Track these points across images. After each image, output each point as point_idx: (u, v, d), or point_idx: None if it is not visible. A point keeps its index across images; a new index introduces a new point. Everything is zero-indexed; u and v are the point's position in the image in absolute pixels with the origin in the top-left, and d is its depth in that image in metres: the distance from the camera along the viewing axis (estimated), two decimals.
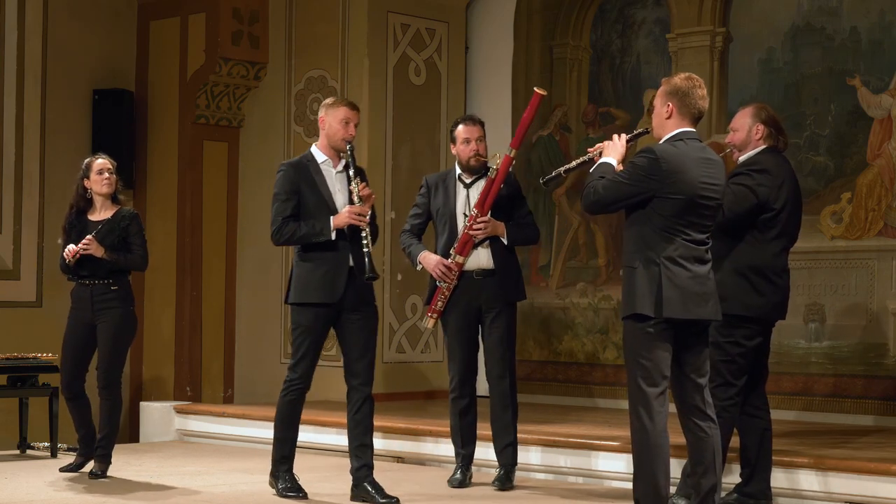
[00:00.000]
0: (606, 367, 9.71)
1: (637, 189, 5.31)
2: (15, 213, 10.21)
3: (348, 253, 6.56)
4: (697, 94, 5.45)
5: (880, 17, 8.60)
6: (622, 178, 5.35)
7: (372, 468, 6.64)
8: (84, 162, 7.60)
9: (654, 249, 5.33)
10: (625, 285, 5.43)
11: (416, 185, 10.40)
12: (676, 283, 5.30)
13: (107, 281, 7.41)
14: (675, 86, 5.47)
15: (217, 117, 10.68)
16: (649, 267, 5.32)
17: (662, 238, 5.33)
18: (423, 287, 10.38)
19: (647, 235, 5.34)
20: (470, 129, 7.09)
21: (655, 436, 5.28)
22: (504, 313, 7.04)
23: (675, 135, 5.44)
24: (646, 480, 5.31)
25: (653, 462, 5.29)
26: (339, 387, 10.09)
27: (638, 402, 5.31)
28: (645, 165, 5.31)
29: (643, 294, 5.31)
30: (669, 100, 5.45)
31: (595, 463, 7.38)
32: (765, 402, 6.35)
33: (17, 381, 8.55)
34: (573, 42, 10.08)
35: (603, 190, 5.36)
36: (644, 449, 5.30)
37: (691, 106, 5.44)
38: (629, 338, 5.39)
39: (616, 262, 9.75)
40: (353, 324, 6.62)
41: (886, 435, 7.83)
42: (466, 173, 7.15)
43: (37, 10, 10.33)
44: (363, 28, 10.15)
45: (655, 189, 5.29)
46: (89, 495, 6.88)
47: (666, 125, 5.47)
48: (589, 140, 9.94)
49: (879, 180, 8.55)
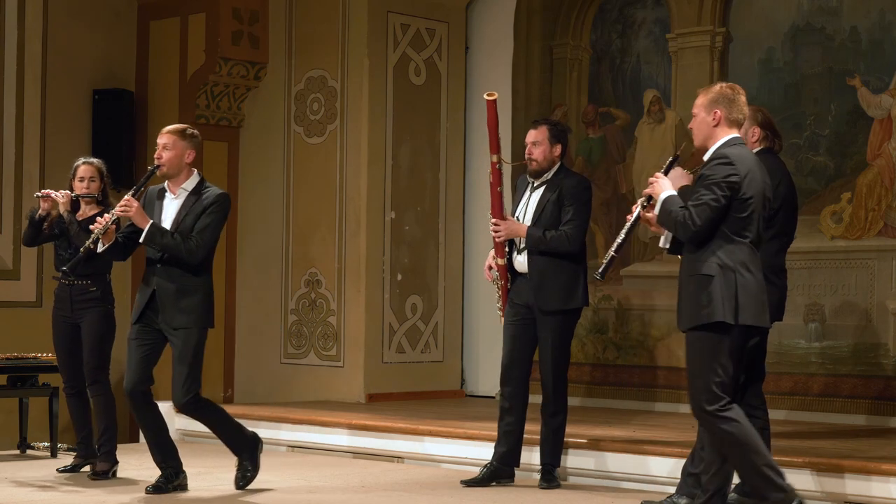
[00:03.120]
0: (607, 368, 9.70)
1: (726, 201, 5.36)
2: (15, 213, 10.20)
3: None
4: (741, 101, 5.58)
5: (880, 17, 8.60)
6: (709, 198, 5.36)
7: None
8: (76, 162, 7.63)
9: (729, 256, 5.38)
10: (694, 294, 5.41)
11: (416, 186, 10.46)
12: (749, 290, 5.38)
13: (85, 282, 7.44)
14: (720, 93, 5.55)
15: (217, 117, 10.69)
16: (726, 274, 5.36)
17: (734, 244, 5.39)
18: (423, 287, 10.46)
19: (720, 242, 5.39)
20: (528, 133, 7.15)
21: (745, 434, 5.37)
22: (540, 321, 7.05)
23: (728, 140, 5.51)
24: (755, 474, 5.38)
25: (753, 455, 5.37)
26: (340, 387, 10.15)
27: (716, 409, 5.37)
28: (725, 174, 5.36)
29: (721, 302, 5.35)
30: (716, 107, 5.53)
31: (595, 463, 7.38)
32: (762, 401, 6.35)
33: (17, 381, 8.56)
34: (573, 42, 10.08)
35: (698, 219, 5.36)
36: (740, 449, 5.38)
37: (737, 112, 5.55)
38: (703, 346, 5.41)
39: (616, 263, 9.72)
40: None
41: (886, 435, 7.83)
42: (532, 176, 7.18)
43: (37, 11, 10.33)
44: (363, 28, 10.15)
45: (732, 195, 5.36)
46: (89, 495, 6.88)
47: (715, 133, 5.54)
48: (589, 140, 9.95)
49: (879, 180, 8.54)
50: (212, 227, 6.73)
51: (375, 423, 8.47)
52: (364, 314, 10.09)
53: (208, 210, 6.75)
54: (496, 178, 7.05)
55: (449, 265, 10.53)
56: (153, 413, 6.89)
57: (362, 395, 10.00)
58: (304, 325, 10.45)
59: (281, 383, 10.46)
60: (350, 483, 7.37)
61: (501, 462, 7.16)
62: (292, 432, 8.83)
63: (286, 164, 10.57)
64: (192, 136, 6.86)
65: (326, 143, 10.35)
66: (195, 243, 6.67)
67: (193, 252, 6.67)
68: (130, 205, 6.66)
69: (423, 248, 10.39)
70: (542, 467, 7.16)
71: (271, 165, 10.66)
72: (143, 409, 6.84)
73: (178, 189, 6.83)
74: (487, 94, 7.09)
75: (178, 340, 6.74)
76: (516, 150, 10.19)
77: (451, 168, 10.54)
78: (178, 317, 6.73)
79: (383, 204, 10.18)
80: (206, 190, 6.84)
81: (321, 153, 10.35)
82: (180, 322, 6.73)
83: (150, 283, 6.79)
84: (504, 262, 7.08)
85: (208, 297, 6.82)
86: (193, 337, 6.75)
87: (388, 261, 10.19)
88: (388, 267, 10.20)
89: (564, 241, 7.01)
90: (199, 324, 6.78)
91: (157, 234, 6.66)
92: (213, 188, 6.89)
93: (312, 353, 10.37)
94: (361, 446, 8.47)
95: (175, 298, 6.72)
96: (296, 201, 10.51)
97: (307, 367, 10.34)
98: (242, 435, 7.03)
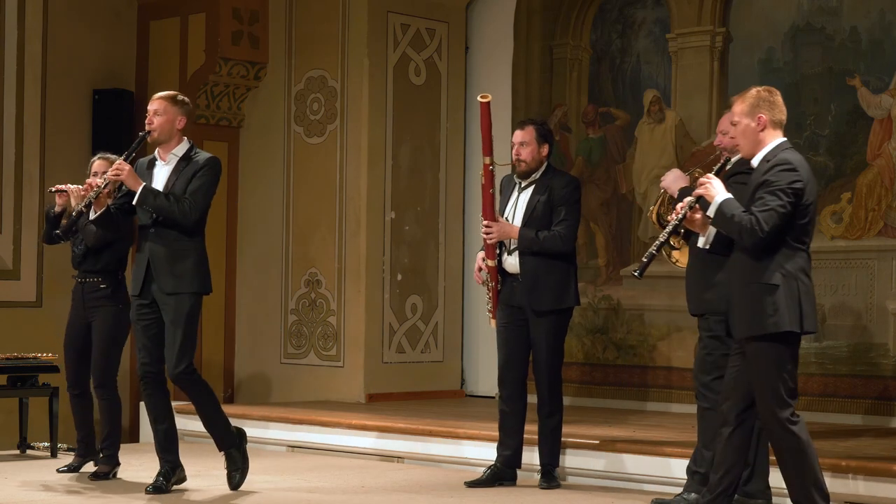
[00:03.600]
0: (606, 368, 9.71)
1: (792, 208, 5.32)
2: (15, 213, 10.21)
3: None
4: (780, 102, 5.54)
5: (880, 17, 8.60)
6: (776, 204, 5.30)
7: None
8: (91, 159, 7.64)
9: (791, 263, 5.36)
10: (756, 302, 5.37)
11: (417, 185, 10.47)
12: (810, 297, 5.40)
13: (96, 279, 7.43)
14: (759, 97, 5.50)
15: (217, 117, 10.69)
16: (789, 282, 5.35)
17: (794, 251, 5.38)
18: (423, 287, 10.46)
19: (782, 249, 5.37)
20: (515, 134, 7.14)
21: (808, 445, 5.38)
22: (533, 322, 7.04)
23: (780, 144, 5.48)
24: (808, 486, 5.39)
25: (809, 470, 5.39)
26: (340, 387, 10.15)
27: (785, 416, 5.36)
28: (790, 180, 5.32)
29: (787, 311, 5.33)
30: (759, 112, 5.48)
31: (596, 463, 7.38)
32: None
33: (17, 381, 8.56)
34: (573, 42, 10.08)
35: (766, 224, 5.29)
36: (802, 459, 5.38)
37: (780, 113, 5.52)
38: (770, 355, 5.37)
39: (616, 263, 9.75)
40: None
41: (886, 435, 7.83)
42: (520, 177, 7.17)
43: (37, 10, 10.33)
44: (363, 28, 10.15)
45: (797, 202, 5.33)
46: (89, 496, 6.88)
47: (762, 138, 5.49)
48: (589, 140, 9.94)
49: (879, 180, 8.54)
50: (204, 189, 6.71)
51: (375, 423, 8.47)
52: (364, 314, 10.09)
53: (199, 173, 6.72)
54: (488, 179, 7.03)
55: (449, 265, 10.53)
56: (164, 399, 6.85)
57: (362, 395, 10.00)
58: (304, 325, 10.45)
59: (281, 383, 10.46)
60: (350, 483, 7.37)
61: (504, 464, 7.16)
62: (292, 432, 8.83)
63: (286, 164, 10.57)
64: (182, 103, 6.84)
65: (326, 143, 10.35)
66: (188, 204, 6.64)
67: (187, 213, 6.64)
68: (122, 168, 6.61)
69: (423, 248, 10.39)
70: (542, 468, 7.17)
71: (271, 165, 10.66)
72: (156, 393, 6.81)
73: (169, 155, 6.81)
74: (481, 96, 7.08)
75: (170, 307, 6.67)
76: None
77: (451, 168, 10.54)
78: (170, 281, 6.66)
79: (383, 204, 10.18)
80: (196, 155, 6.81)
81: (321, 153, 10.35)
82: (172, 286, 6.66)
83: (143, 250, 6.74)
84: (494, 264, 7.06)
85: (202, 261, 6.76)
86: (186, 302, 6.68)
87: (388, 261, 10.20)
88: (388, 267, 10.20)
89: (558, 241, 7.01)
90: (192, 288, 6.71)
91: (150, 196, 6.61)
92: (202, 153, 6.86)
93: (312, 353, 10.37)
94: (361, 446, 8.48)
95: (168, 262, 6.67)
96: (296, 201, 10.51)
97: (307, 367, 10.34)
98: (229, 428, 6.93)
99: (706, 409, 6.19)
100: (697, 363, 6.29)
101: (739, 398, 5.52)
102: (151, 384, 6.78)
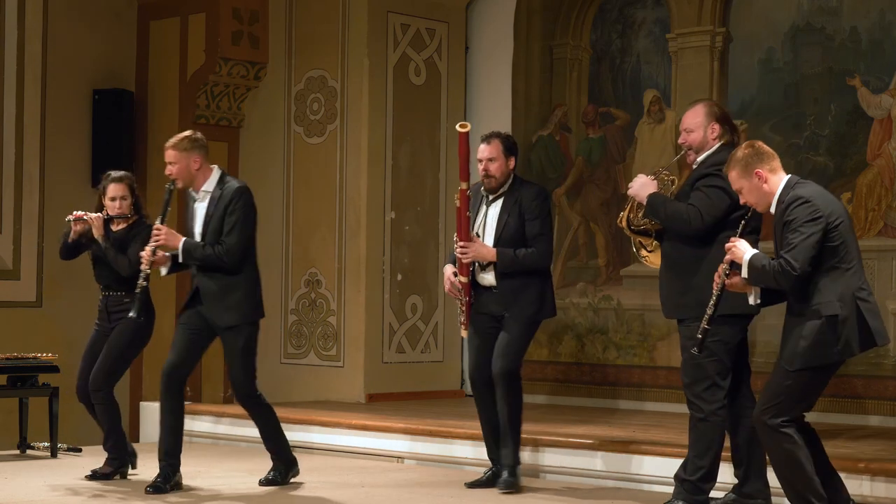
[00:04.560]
0: (606, 368, 9.71)
1: (819, 235, 5.39)
2: (15, 213, 10.20)
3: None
4: (766, 149, 5.62)
5: (880, 17, 8.60)
6: (800, 239, 5.39)
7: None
8: (105, 178, 7.53)
9: (843, 286, 5.46)
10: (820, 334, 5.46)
11: (416, 185, 10.46)
12: (874, 312, 5.53)
13: (120, 292, 7.41)
14: (747, 157, 5.58)
15: (217, 117, 10.68)
16: (847, 306, 5.46)
17: (842, 272, 5.46)
18: (423, 287, 10.46)
19: (827, 276, 5.45)
20: (480, 149, 7.07)
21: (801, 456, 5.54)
22: (504, 324, 7.01)
23: (786, 184, 5.56)
24: (807, 489, 5.51)
25: (803, 476, 5.51)
26: (340, 387, 10.15)
27: (791, 426, 5.54)
28: (808, 212, 5.41)
29: (853, 338, 5.47)
30: (755, 169, 5.56)
31: (596, 463, 7.38)
32: (752, 400, 6.33)
33: (17, 381, 8.55)
34: (573, 42, 10.08)
35: (795, 262, 5.38)
36: (799, 464, 5.51)
37: (770, 159, 5.58)
38: (818, 380, 5.57)
39: (616, 263, 9.75)
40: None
41: (886, 435, 7.83)
42: (489, 192, 7.13)
43: (37, 10, 10.33)
44: (363, 28, 10.15)
45: (823, 228, 5.40)
46: (89, 496, 6.88)
47: (769, 188, 5.57)
48: (589, 140, 9.95)
49: (879, 180, 8.54)
50: (239, 226, 6.90)
51: (375, 423, 8.48)
52: (364, 314, 10.09)
53: (229, 209, 6.91)
54: (464, 203, 6.97)
55: None
56: (179, 403, 7.00)
57: (362, 395, 10.00)
58: (304, 325, 10.45)
59: (281, 383, 10.44)
60: (350, 483, 7.38)
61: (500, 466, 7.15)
62: (292, 432, 8.77)
63: (286, 164, 10.57)
64: (191, 143, 6.98)
65: (326, 143, 10.35)
66: (226, 248, 6.85)
67: (224, 260, 6.87)
68: (160, 232, 6.88)
69: (423, 248, 10.39)
70: (500, 467, 7.10)
71: (271, 165, 10.65)
72: (173, 394, 6.96)
73: (200, 193, 7.01)
74: (460, 125, 6.99)
75: (228, 339, 6.97)
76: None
77: (451, 168, 10.53)
78: (225, 315, 6.92)
79: (383, 204, 10.18)
80: (225, 186, 6.99)
81: (321, 153, 10.35)
82: (227, 320, 6.93)
83: (195, 278, 7.02)
84: (468, 280, 7.03)
85: (252, 290, 7.00)
86: (243, 333, 6.97)
87: (388, 261, 10.20)
88: (388, 267, 10.20)
89: (537, 259, 6.99)
90: (247, 319, 6.97)
91: (189, 254, 6.87)
92: (230, 183, 7.02)
93: (312, 353, 10.37)
94: (361, 446, 8.48)
95: (219, 297, 6.92)
96: (296, 201, 10.51)
97: (307, 367, 10.34)
98: (288, 449, 7.24)
99: (700, 419, 6.17)
100: (684, 371, 6.23)
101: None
102: (171, 385, 6.97)
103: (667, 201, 6.23)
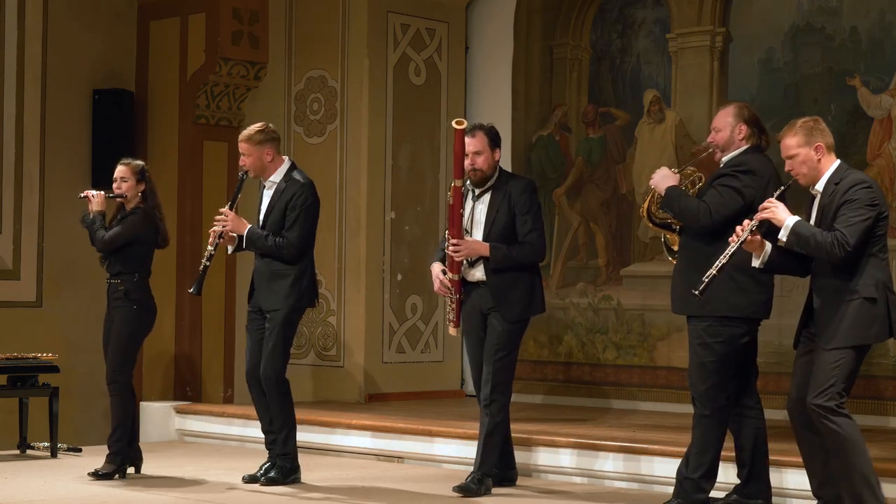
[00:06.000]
0: (606, 368, 9.71)
1: (872, 221, 5.52)
2: (15, 213, 10.20)
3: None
4: (825, 127, 5.71)
5: (880, 17, 8.61)
6: (860, 219, 5.50)
7: None
8: None
9: (881, 274, 5.57)
10: (859, 315, 5.52)
11: (416, 185, 10.46)
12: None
13: (115, 280, 7.51)
14: (811, 127, 5.67)
15: (217, 117, 10.69)
16: (881, 293, 5.56)
17: (880, 260, 5.59)
18: (423, 287, 10.44)
19: (870, 261, 5.57)
20: (467, 143, 6.96)
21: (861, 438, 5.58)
22: (492, 326, 6.97)
23: (840, 165, 5.67)
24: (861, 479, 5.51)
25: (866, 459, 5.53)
26: (339, 387, 10.15)
27: (842, 412, 5.53)
28: (870, 197, 5.53)
29: (884, 322, 5.56)
30: (815, 141, 5.64)
31: (596, 463, 7.38)
32: (757, 401, 6.34)
33: (17, 381, 8.56)
34: (573, 42, 10.08)
35: (851, 239, 5.48)
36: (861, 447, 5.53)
37: (829, 137, 5.69)
38: (853, 361, 5.56)
39: (616, 263, 9.76)
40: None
41: (887, 435, 7.83)
42: (476, 185, 7.08)
43: (37, 10, 10.32)
44: (363, 28, 10.15)
45: (876, 215, 5.53)
46: (88, 495, 6.88)
47: (822, 164, 5.67)
48: (589, 140, 9.95)
49: (879, 180, 8.53)
50: (299, 223, 7.18)
51: (375, 423, 8.48)
52: (364, 314, 10.09)
53: (290, 204, 7.19)
54: (457, 200, 6.94)
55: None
56: (263, 399, 7.25)
57: (362, 395, 10.00)
58: (303, 325, 10.45)
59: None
60: (350, 483, 7.38)
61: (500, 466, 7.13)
62: None
63: None
64: (265, 136, 7.26)
65: (326, 143, 10.35)
66: (286, 241, 7.14)
67: (283, 254, 7.15)
68: (227, 216, 7.22)
69: (423, 248, 10.39)
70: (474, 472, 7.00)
71: None
72: (258, 394, 7.26)
73: (268, 182, 7.31)
74: (456, 121, 6.95)
75: (269, 321, 7.17)
76: (515, 148, 10.20)
77: (451, 168, 10.51)
78: (270, 298, 7.18)
79: (383, 204, 10.18)
80: (290, 178, 7.28)
81: (321, 153, 10.35)
82: (270, 304, 7.18)
83: (255, 264, 7.33)
84: (458, 278, 6.98)
85: (300, 278, 7.21)
86: (280, 316, 7.14)
87: (388, 261, 10.20)
88: (388, 267, 10.20)
89: (531, 253, 6.95)
90: (288, 304, 7.16)
91: (255, 240, 7.19)
92: (296, 176, 7.30)
93: (312, 353, 10.37)
94: (361, 446, 8.48)
95: (268, 281, 7.20)
96: None
97: (307, 367, 10.34)
98: (294, 448, 7.31)
99: (704, 415, 6.17)
100: (692, 370, 6.24)
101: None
102: (254, 386, 7.27)
103: (682, 195, 6.23)
